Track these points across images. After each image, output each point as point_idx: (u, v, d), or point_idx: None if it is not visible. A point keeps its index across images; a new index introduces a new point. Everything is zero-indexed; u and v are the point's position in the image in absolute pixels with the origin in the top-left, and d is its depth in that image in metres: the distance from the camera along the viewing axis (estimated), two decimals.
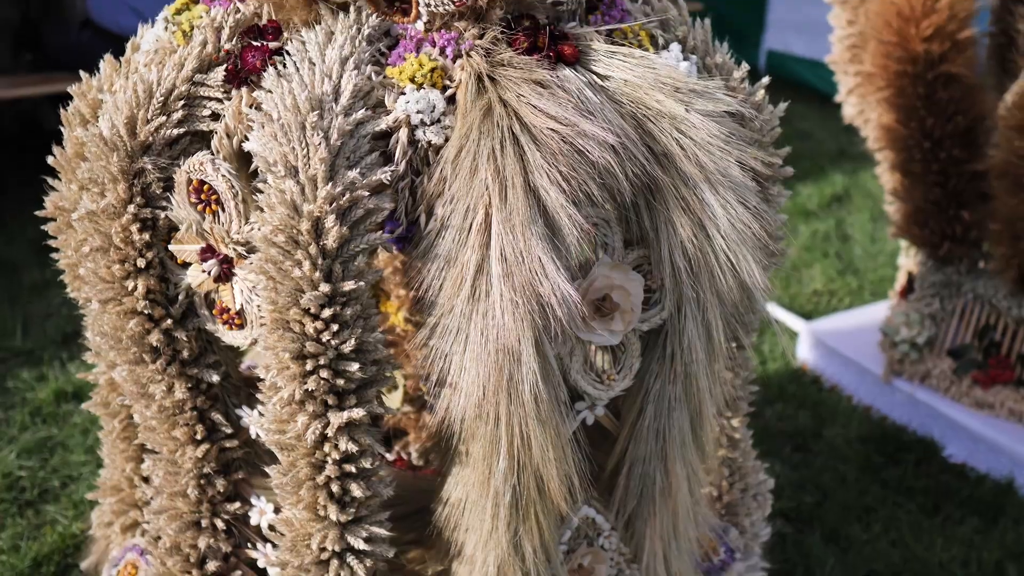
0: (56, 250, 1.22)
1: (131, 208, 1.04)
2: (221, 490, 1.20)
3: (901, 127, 2.18)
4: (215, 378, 1.15)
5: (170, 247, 1.08)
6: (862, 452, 2.31)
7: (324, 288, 0.94)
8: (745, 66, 1.21)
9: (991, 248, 2.23)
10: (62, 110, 1.19)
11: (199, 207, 1.04)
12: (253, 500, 1.21)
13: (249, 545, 1.23)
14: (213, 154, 1.04)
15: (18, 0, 4.39)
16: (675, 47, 1.13)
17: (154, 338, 1.09)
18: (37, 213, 1.21)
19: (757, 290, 1.09)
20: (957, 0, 2.00)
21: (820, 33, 4.50)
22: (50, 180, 1.21)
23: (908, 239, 2.38)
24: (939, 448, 2.33)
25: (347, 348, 0.97)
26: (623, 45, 1.09)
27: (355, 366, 0.98)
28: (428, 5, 1.03)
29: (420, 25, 1.05)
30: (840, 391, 2.60)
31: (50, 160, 1.18)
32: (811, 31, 5.16)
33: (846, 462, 2.27)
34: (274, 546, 1.18)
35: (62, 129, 1.19)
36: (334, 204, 0.94)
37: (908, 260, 2.50)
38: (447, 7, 1.02)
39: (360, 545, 1.05)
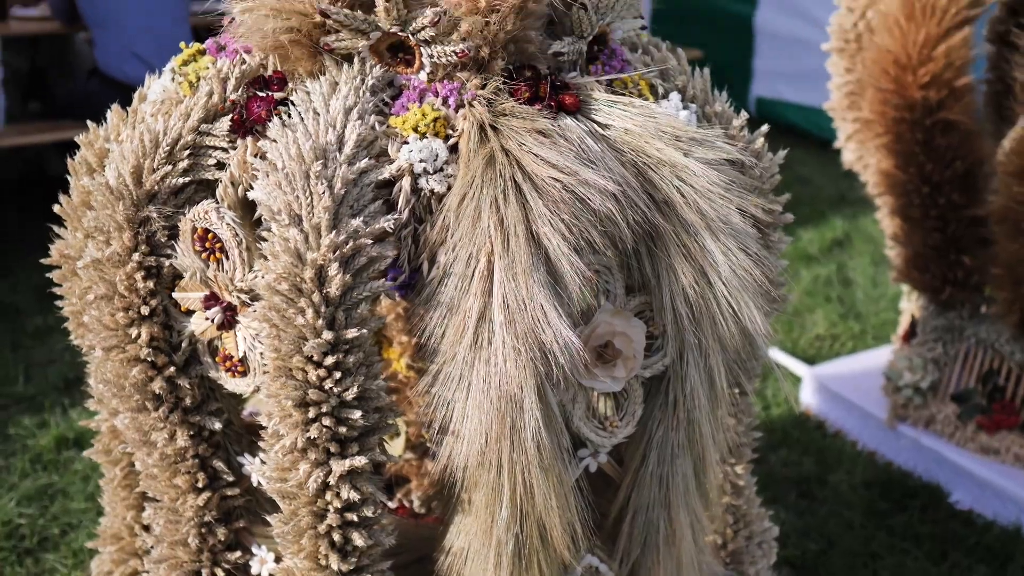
0: (60, 296, 1.23)
1: (136, 256, 1.05)
2: (222, 539, 1.19)
3: (900, 173, 2.19)
4: (217, 426, 1.15)
5: (174, 295, 1.08)
6: (867, 498, 2.29)
7: (327, 336, 0.95)
8: (744, 114, 1.23)
9: (993, 293, 2.23)
10: (69, 159, 1.20)
11: (203, 255, 1.05)
12: (254, 549, 1.21)
13: None
14: (218, 203, 1.05)
15: (27, 49, 4.45)
16: (675, 96, 1.15)
17: (157, 385, 1.09)
18: (42, 260, 1.22)
19: (759, 336, 1.09)
20: (953, 48, 2.02)
21: (808, 79, 4.52)
22: (56, 228, 1.22)
23: (909, 284, 2.38)
24: (945, 494, 2.31)
25: (350, 396, 0.97)
26: (623, 95, 1.11)
27: (357, 413, 0.98)
28: (431, 56, 1.04)
29: (423, 76, 1.06)
30: (844, 436, 2.59)
31: (56, 208, 1.20)
32: (799, 77, 5.21)
33: (851, 508, 2.25)
34: None
35: (68, 177, 1.21)
36: (337, 252, 0.94)
37: (910, 304, 2.50)
38: (450, 58, 1.04)
39: None
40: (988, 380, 2.30)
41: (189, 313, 1.09)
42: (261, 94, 1.07)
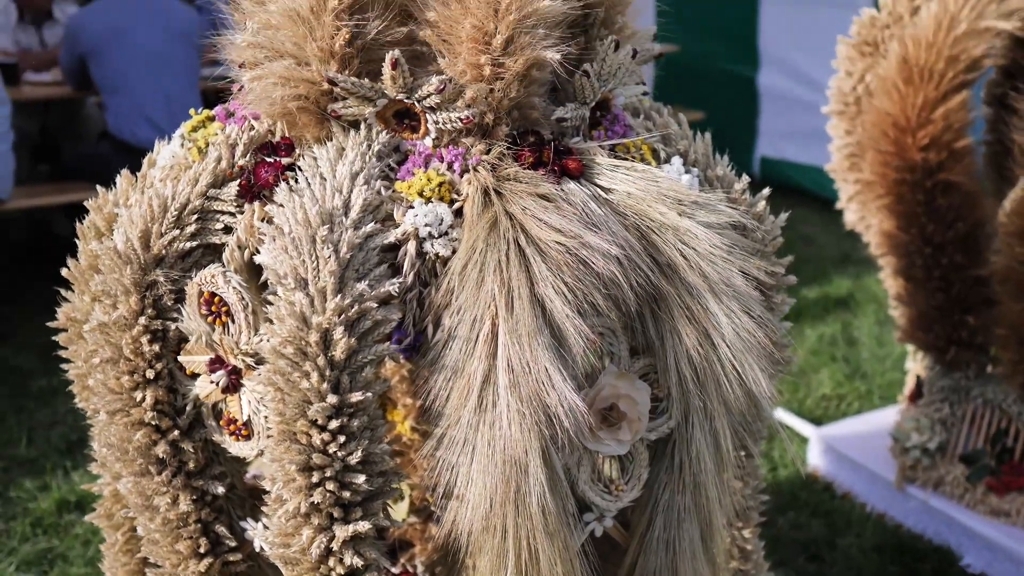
0: (65, 359, 1.23)
1: (142, 320, 1.06)
2: None
3: (902, 233, 2.21)
4: (220, 490, 1.14)
5: (179, 358, 1.09)
6: (877, 561, 2.26)
7: (331, 399, 0.95)
8: (745, 178, 1.24)
9: (998, 353, 2.23)
10: (78, 223, 1.21)
11: (209, 319, 1.05)
12: None
13: None
14: (224, 267, 1.06)
15: (39, 112, 4.52)
16: (676, 160, 1.16)
17: (160, 449, 1.09)
18: (49, 324, 1.23)
19: (764, 398, 1.09)
20: (952, 111, 2.05)
21: (811, 139, 4.57)
22: (63, 291, 1.22)
23: (914, 344, 2.38)
24: (956, 557, 2.28)
25: (354, 460, 0.97)
26: (626, 159, 1.12)
27: (361, 478, 0.98)
28: (437, 123, 1.06)
29: (429, 141, 1.08)
30: (853, 498, 2.56)
31: (64, 272, 1.21)
32: (802, 137, 5.27)
33: (861, 572, 2.22)
34: None
35: (76, 240, 1.22)
36: (343, 316, 0.95)
37: (916, 364, 2.49)
38: (455, 124, 1.05)
39: None
40: (996, 441, 2.28)
41: (194, 376, 1.09)
42: (269, 160, 1.09)
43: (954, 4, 2.01)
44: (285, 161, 1.09)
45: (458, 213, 1.04)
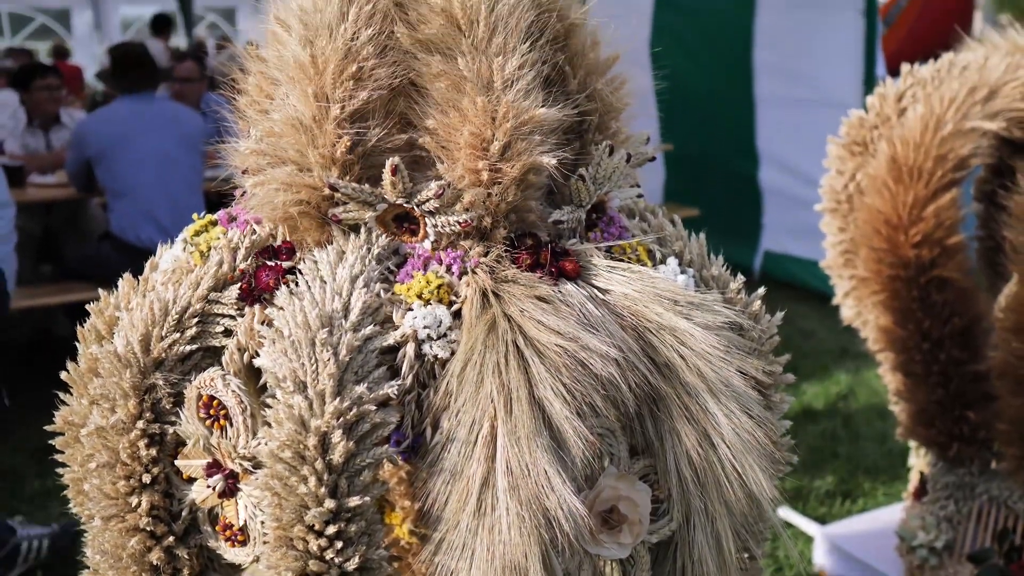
0: (60, 463, 1.22)
1: (140, 424, 1.06)
2: None
3: (899, 329, 2.21)
4: None
5: (176, 462, 1.08)
6: None
7: (329, 504, 0.94)
8: (741, 277, 1.26)
9: (1001, 448, 2.21)
10: (78, 326, 1.22)
11: (207, 422, 1.05)
12: None
13: None
14: (224, 370, 1.06)
15: (42, 213, 4.58)
16: (672, 261, 1.18)
17: (155, 556, 1.07)
18: (46, 428, 1.22)
19: (765, 499, 1.08)
20: (942, 209, 2.09)
21: (809, 234, 4.67)
22: (61, 394, 1.22)
23: (916, 440, 2.36)
24: None
25: (351, 566, 0.96)
26: (622, 260, 1.14)
27: None
28: (436, 226, 1.08)
29: (428, 244, 1.09)
30: None
31: (63, 375, 1.21)
32: (801, 232, 5.34)
33: None
34: None
35: (76, 343, 1.23)
36: (341, 419, 0.95)
37: (919, 461, 2.47)
38: (454, 228, 1.07)
39: None
40: (1004, 539, 2.24)
41: (191, 481, 1.08)
42: (270, 263, 1.10)
43: (939, 105, 2.07)
44: (286, 264, 1.10)
45: (457, 315, 1.05)
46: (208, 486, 1.06)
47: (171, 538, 1.08)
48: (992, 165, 2.22)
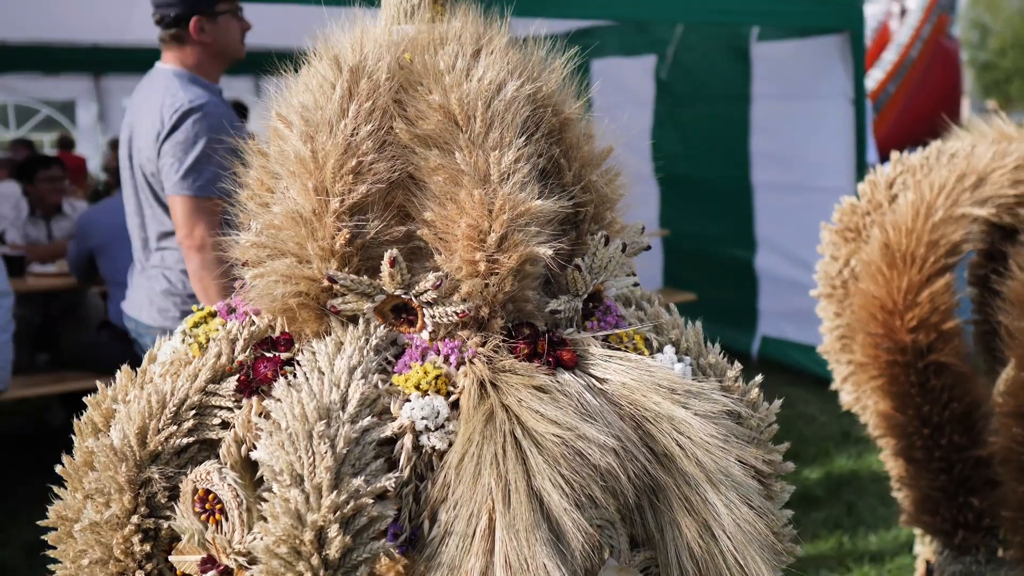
0: (52, 559, 1.20)
1: (134, 519, 1.04)
2: None
3: (899, 414, 2.21)
4: None
5: (170, 558, 1.07)
6: None
7: None
8: (738, 365, 1.26)
9: (1007, 536, 2.17)
10: (74, 419, 1.22)
11: (203, 516, 1.04)
12: None
13: None
14: (220, 463, 1.06)
15: (41, 302, 4.59)
16: (669, 349, 1.18)
17: None
18: (39, 523, 1.20)
19: None
20: (937, 294, 2.10)
21: (807, 319, 4.69)
22: (55, 488, 1.21)
23: (920, 527, 2.33)
24: None
25: None
26: (619, 349, 1.14)
27: None
28: (433, 317, 1.09)
29: (425, 335, 1.10)
30: None
31: (58, 469, 1.20)
32: (799, 317, 5.36)
33: None
34: None
35: (72, 435, 1.22)
36: (338, 513, 0.94)
37: (925, 548, 2.43)
38: (451, 318, 1.08)
39: None
40: None
41: None
42: (268, 355, 1.11)
43: (930, 192, 2.10)
44: (284, 356, 1.10)
45: (455, 405, 1.05)
46: None
47: None
48: (984, 250, 2.25)
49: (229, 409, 1.09)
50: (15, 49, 8.37)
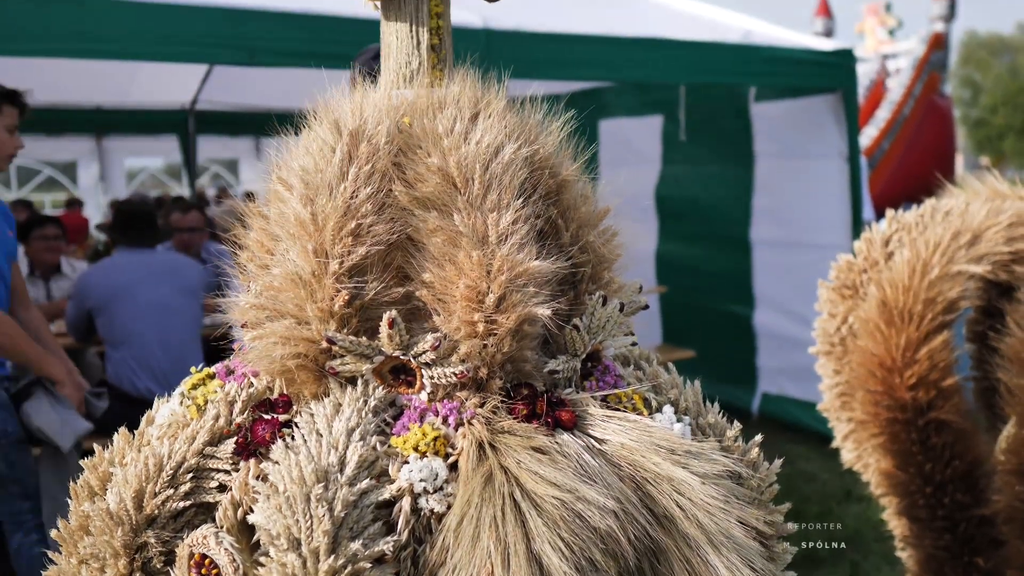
0: None
1: None
2: None
3: (901, 473, 2.19)
4: None
5: None
6: None
7: None
8: (737, 424, 1.25)
9: None
10: (70, 482, 1.21)
11: None
12: None
13: None
14: (217, 527, 1.05)
15: None
16: (668, 409, 1.18)
17: None
18: None
19: None
20: (935, 351, 2.10)
21: (807, 376, 4.72)
22: (49, 553, 1.20)
23: None
24: None
25: None
26: (618, 409, 1.14)
27: None
28: (432, 377, 1.09)
29: (424, 396, 1.10)
30: None
31: (53, 533, 1.19)
32: (799, 374, 5.35)
33: None
34: None
35: (68, 499, 1.21)
36: None
37: None
38: (450, 379, 1.08)
39: None
40: None
41: None
42: (266, 416, 1.11)
43: (926, 250, 2.11)
44: (282, 418, 1.10)
45: (453, 467, 1.05)
46: None
47: None
48: (982, 307, 2.25)
49: (226, 472, 1.09)
50: None
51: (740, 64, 4.83)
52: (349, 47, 3.30)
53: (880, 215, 2.73)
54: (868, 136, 12.06)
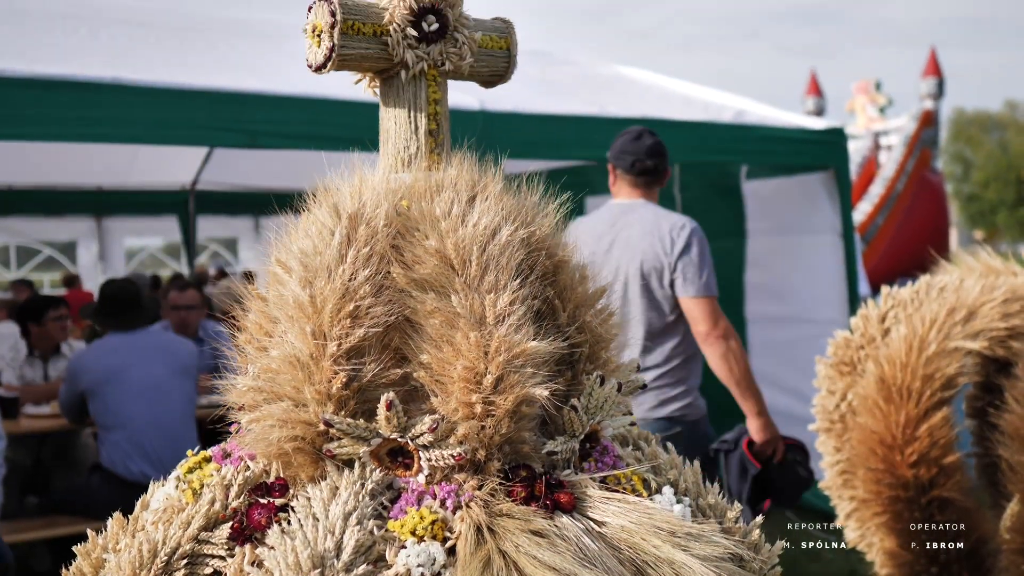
0: None
1: None
2: None
3: (905, 552, 2.16)
4: None
5: None
6: None
7: None
8: (738, 505, 1.24)
9: None
10: (63, 568, 1.19)
11: None
12: None
13: None
14: None
15: (34, 444, 4.53)
16: (668, 491, 1.17)
17: None
18: None
19: None
20: (935, 427, 2.09)
21: (812, 455, 4.67)
22: None
23: None
24: None
25: None
26: (617, 490, 1.13)
27: None
28: (430, 460, 1.08)
29: (422, 478, 1.09)
30: None
31: None
32: None
33: None
34: None
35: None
36: None
37: None
38: (448, 461, 1.07)
39: None
40: None
41: None
42: (263, 500, 1.10)
43: (922, 326, 2.12)
44: (279, 502, 1.09)
45: (451, 551, 1.03)
46: None
47: None
48: (980, 382, 2.25)
49: (222, 557, 1.07)
50: (20, 192, 8.55)
51: (733, 143, 4.90)
52: (348, 130, 3.34)
53: (875, 291, 2.74)
54: (862, 212, 12.19)
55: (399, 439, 1.08)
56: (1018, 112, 32.53)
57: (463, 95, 3.73)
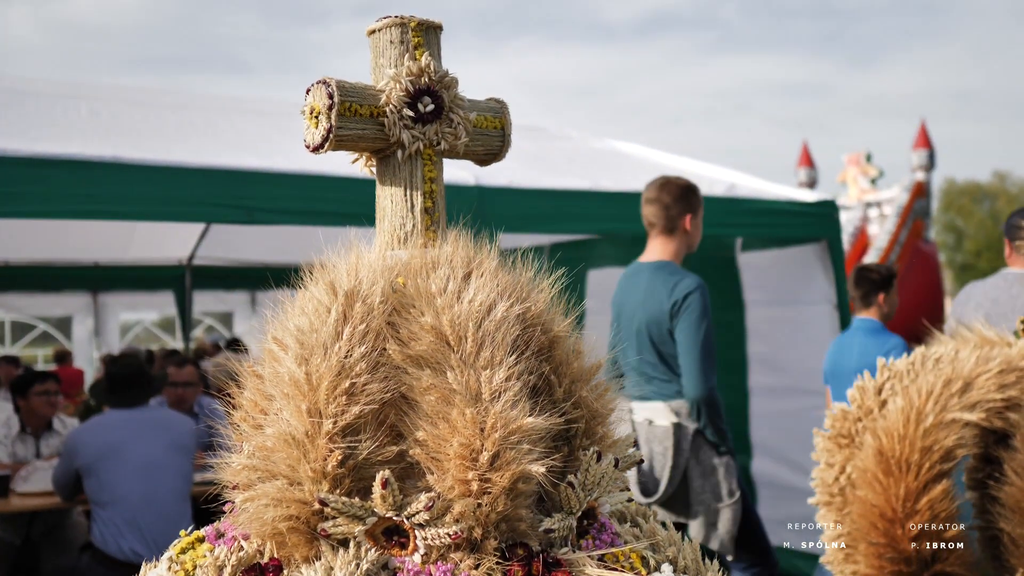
0: None
1: None
2: None
3: None
4: None
5: None
6: None
7: None
8: None
9: None
10: None
11: None
12: None
13: None
14: None
15: (23, 523, 4.47)
16: (667, 568, 1.15)
17: None
18: None
19: None
20: (935, 500, 2.07)
21: (812, 528, 4.61)
22: None
23: None
24: None
25: None
26: (616, 569, 1.12)
27: None
28: (426, 539, 1.07)
29: (418, 558, 1.08)
30: None
31: None
32: (803, 526, 5.23)
33: None
34: None
35: None
36: None
37: None
38: (444, 540, 1.06)
39: None
40: None
41: None
42: None
43: (918, 398, 2.12)
44: None
45: None
46: None
47: None
48: (979, 454, 2.24)
49: None
50: (17, 269, 8.58)
51: (726, 216, 4.95)
52: (344, 206, 3.37)
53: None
54: None
55: (395, 518, 1.07)
56: (1007, 182, 32.98)
57: (459, 170, 3.78)
